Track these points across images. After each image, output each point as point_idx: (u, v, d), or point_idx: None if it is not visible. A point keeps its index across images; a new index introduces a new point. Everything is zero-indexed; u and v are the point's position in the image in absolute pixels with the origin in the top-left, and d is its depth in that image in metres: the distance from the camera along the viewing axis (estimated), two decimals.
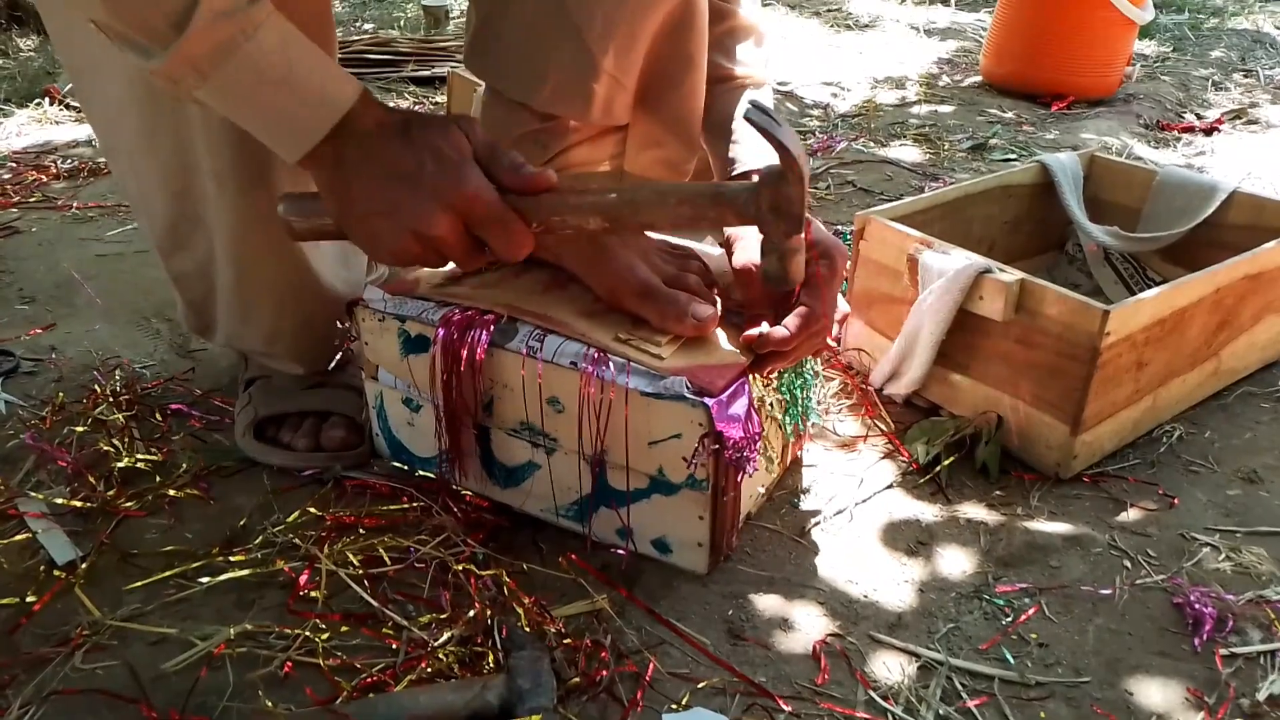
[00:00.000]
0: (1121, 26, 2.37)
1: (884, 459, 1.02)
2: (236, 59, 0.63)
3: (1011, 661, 0.77)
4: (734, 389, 0.76)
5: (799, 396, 0.91)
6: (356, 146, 0.68)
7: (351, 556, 0.84)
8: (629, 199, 0.72)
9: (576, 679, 0.72)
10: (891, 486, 0.98)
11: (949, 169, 1.96)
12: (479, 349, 0.80)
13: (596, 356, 0.77)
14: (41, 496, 0.91)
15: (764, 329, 0.77)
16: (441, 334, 0.81)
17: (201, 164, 0.86)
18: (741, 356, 0.79)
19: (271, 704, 0.71)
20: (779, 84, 2.53)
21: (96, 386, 1.09)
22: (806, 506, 0.95)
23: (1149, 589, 0.85)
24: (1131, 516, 0.94)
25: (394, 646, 0.76)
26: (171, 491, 0.93)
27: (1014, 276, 0.95)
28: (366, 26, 3.15)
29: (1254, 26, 3.47)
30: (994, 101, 2.46)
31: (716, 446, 0.75)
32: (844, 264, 0.82)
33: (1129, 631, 0.81)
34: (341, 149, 0.68)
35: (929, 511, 0.95)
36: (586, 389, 0.77)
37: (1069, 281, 1.35)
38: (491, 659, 0.74)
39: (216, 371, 1.15)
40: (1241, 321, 1.10)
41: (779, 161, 0.69)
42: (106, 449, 0.98)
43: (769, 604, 0.82)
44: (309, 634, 0.76)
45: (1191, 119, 2.37)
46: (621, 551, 0.85)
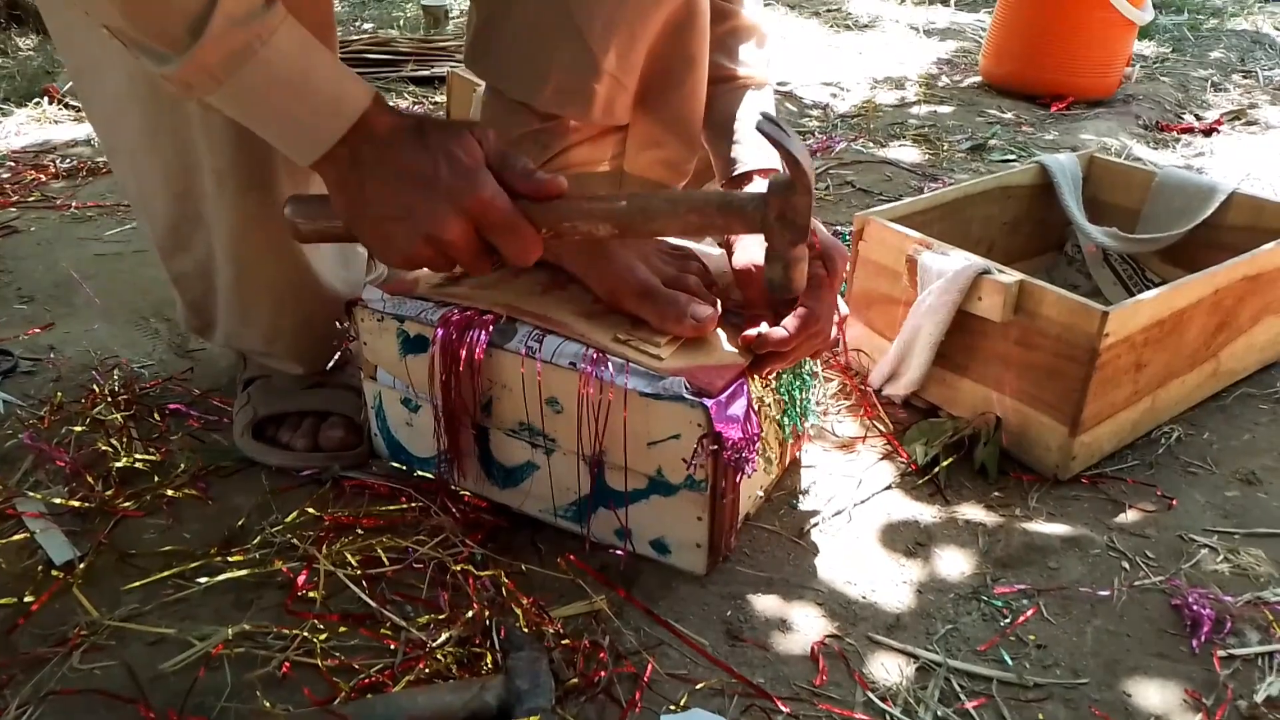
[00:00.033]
0: (1121, 27, 2.37)
1: (882, 460, 1.02)
2: (252, 65, 0.63)
3: (1010, 663, 0.77)
4: (733, 390, 0.76)
5: (798, 397, 0.91)
6: (371, 150, 0.68)
7: (350, 557, 0.84)
8: (640, 206, 0.72)
9: (575, 680, 0.72)
10: (890, 487, 0.98)
11: (948, 169, 1.96)
12: (478, 349, 0.80)
13: (595, 357, 0.77)
14: (39, 496, 0.91)
15: (763, 329, 0.77)
16: (440, 334, 0.81)
17: (203, 163, 0.86)
18: (740, 357, 0.79)
19: (269, 704, 0.71)
20: (779, 84, 2.53)
21: (95, 386, 1.09)
22: (805, 507, 0.95)
23: (1147, 590, 0.85)
24: (1130, 518, 0.94)
25: (392, 647, 0.76)
26: (170, 491, 0.93)
27: (1013, 277, 0.95)
28: (366, 26, 3.16)
29: (1253, 27, 3.47)
30: (993, 102, 2.46)
31: (715, 447, 0.75)
32: (843, 265, 0.82)
33: (1127, 633, 0.81)
34: (356, 152, 0.68)
35: (927, 512, 0.95)
36: (585, 389, 0.77)
37: (1068, 282, 1.35)
38: (490, 660, 0.74)
39: (215, 371, 1.15)
40: (1240, 323, 1.10)
41: (787, 172, 0.69)
42: (105, 449, 0.97)
43: (767, 605, 0.82)
44: (307, 634, 0.76)
45: (1191, 120, 2.37)
46: (620, 552, 0.85)
